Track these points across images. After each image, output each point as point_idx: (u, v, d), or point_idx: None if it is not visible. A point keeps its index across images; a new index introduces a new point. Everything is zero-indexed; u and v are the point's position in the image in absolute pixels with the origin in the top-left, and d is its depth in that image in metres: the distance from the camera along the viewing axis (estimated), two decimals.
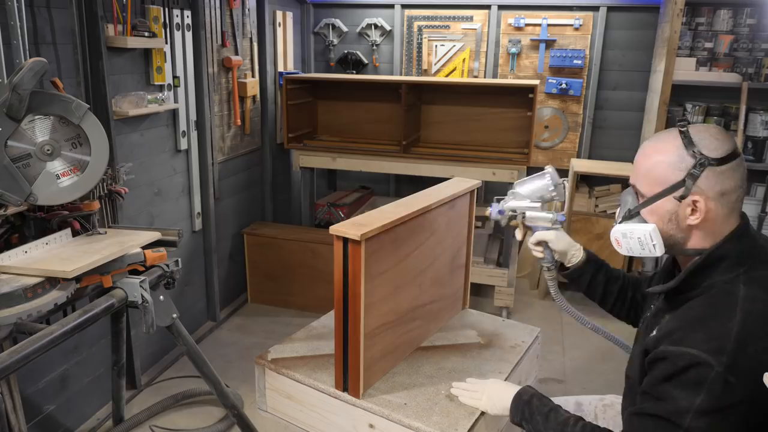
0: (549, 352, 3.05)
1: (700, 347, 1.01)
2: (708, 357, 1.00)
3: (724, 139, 1.10)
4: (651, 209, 1.15)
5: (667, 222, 1.14)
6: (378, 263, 1.46)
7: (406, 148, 3.37)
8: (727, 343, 1.01)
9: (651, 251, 1.15)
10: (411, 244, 1.60)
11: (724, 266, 1.10)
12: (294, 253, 3.42)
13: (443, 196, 1.69)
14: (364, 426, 1.49)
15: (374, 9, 4.07)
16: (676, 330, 1.08)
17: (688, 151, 1.09)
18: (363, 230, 1.35)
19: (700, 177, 1.08)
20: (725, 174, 1.08)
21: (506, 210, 1.51)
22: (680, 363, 1.02)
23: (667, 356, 1.05)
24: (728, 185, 1.09)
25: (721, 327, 1.03)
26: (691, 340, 1.03)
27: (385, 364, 1.61)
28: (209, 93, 3.01)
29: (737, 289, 1.07)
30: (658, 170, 1.12)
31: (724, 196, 1.09)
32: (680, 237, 1.14)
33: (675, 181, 1.10)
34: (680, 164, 1.10)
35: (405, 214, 1.50)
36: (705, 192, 1.08)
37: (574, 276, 1.54)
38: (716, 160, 1.07)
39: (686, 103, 3.53)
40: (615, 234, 1.21)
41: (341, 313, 1.44)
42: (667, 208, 1.13)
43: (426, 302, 1.75)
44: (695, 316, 1.08)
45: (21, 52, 1.84)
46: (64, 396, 2.30)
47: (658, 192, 1.13)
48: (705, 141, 1.09)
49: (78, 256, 1.65)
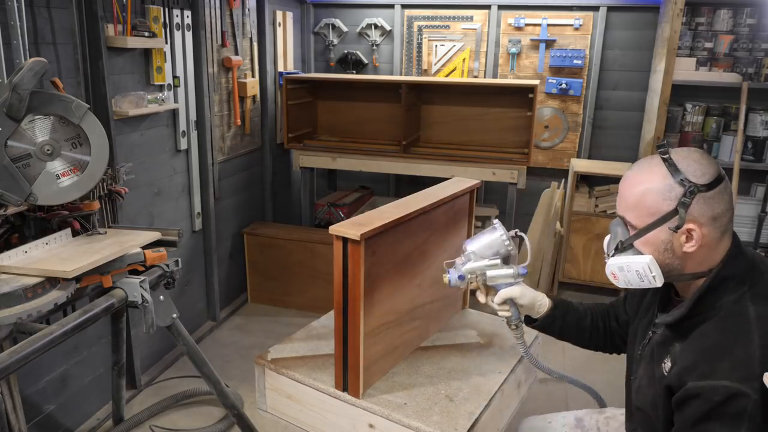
0: (549, 352, 3.05)
1: (730, 377, 1.01)
2: (741, 386, 0.99)
3: (708, 164, 1.09)
4: (645, 240, 1.13)
5: (662, 252, 1.12)
6: (378, 263, 1.46)
7: (406, 148, 3.37)
8: (755, 368, 1.00)
9: (651, 282, 1.13)
10: (410, 244, 1.60)
11: (729, 287, 1.10)
12: (294, 253, 3.42)
13: (443, 196, 1.69)
14: (363, 426, 1.49)
15: (374, 9, 4.07)
16: (698, 362, 1.07)
17: (675, 179, 1.08)
18: (363, 230, 1.35)
19: (691, 204, 1.07)
20: (715, 198, 1.08)
21: (466, 274, 1.37)
22: (716, 398, 1.01)
23: (700, 393, 1.03)
24: (719, 209, 1.08)
25: (744, 353, 1.03)
26: (719, 372, 1.03)
27: (385, 364, 1.61)
28: (209, 93, 3.01)
29: (746, 309, 1.07)
30: (648, 201, 1.11)
31: (717, 220, 1.09)
32: (677, 264, 1.13)
33: (667, 211, 1.09)
34: (669, 193, 1.09)
35: (404, 214, 1.50)
36: (698, 219, 1.08)
37: (545, 325, 1.50)
38: (705, 186, 1.07)
39: (686, 103, 3.53)
40: (611, 268, 1.19)
41: (341, 313, 1.44)
42: (661, 238, 1.11)
43: (426, 302, 1.75)
44: (714, 344, 1.07)
45: (21, 52, 1.84)
46: (64, 396, 2.30)
47: (650, 223, 1.11)
48: (691, 167, 1.08)
49: (78, 256, 1.65)
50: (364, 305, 1.42)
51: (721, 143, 3.53)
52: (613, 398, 1.95)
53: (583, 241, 3.58)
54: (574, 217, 3.58)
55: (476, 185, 1.87)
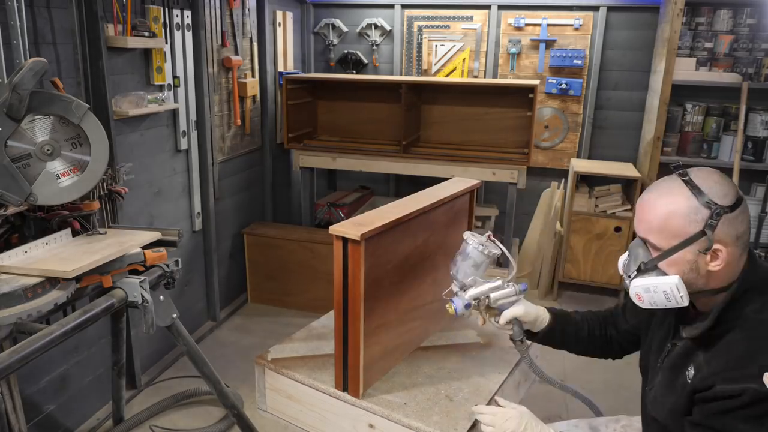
0: (549, 352, 3.03)
1: (759, 382, 1.03)
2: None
3: (729, 184, 1.12)
4: (670, 261, 1.15)
5: (688, 272, 1.14)
6: (377, 263, 1.46)
7: (406, 148, 3.37)
8: None
9: (678, 302, 1.15)
10: (410, 244, 1.60)
11: (751, 297, 1.13)
12: (294, 253, 3.42)
13: (442, 196, 1.69)
14: (363, 426, 1.49)
15: (374, 9, 4.07)
16: (727, 368, 1.09)
17: (699, 201, 1.10)
18: (363, 230, 1.35)
19: (717, 226, 1.09)
20: (738, 218, 1.11)
21: (470, 300, 1.39)
22: (744, 399, 1.03)
23: (729, 394, 1.06)
24: (742, 228, 1.12)
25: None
26: (748, 375, 1.05)
27: (385, 364, 1.61)
28: (209, 93, 3.01)
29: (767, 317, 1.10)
30: (674, 224, 1.12)
31: (740, 239, 1.12)
32: (702, 283, 1.15)
33: (693, 233, 1.11)
34: (696, 216, 1.10)
35: (404, 214, 1.50)
36: (723, 239, 1.10)
37: (546, 338, 1.52)
38: (729, 207, 1.09)
39: (686, 103, 3.53)
40: (636, 290, 1.19)
41: (341, 313, 1.44)
42: (687, 258, 1.13)
43: (426, 302, 1.75)
44: (742, 352, 1.09)
45: (21, 52, 1.84)
46: (64, 396, 2.30)
47: (676, 245, 1.13)
48: (714, 189, 1.10)
49: (78, 256, 1.65)
50: (364, 305, 1.42)
51: (721, 143, 3.53)
52: (608, 398, 1.94)
53: (583, 241, 3.58)
54: (574, 217, 3.58)
55: (476, 185, 1.87)
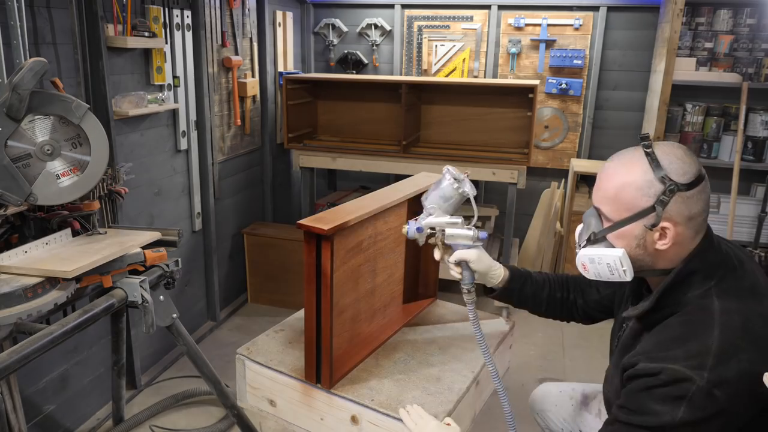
0: (549, 352, 3.05)
1: (681, 363, 1.01)
2: (689, 372, 0.99)
3: (691, 162, 1.08)
4: (618, 234, 1.11)
5: (635, 247, 1.11)
6: (348, 257, 1.50)
7: (406, 148, 3.37)
8: (708, 359, 1.00)
9: (621, 276, 1.12)
10: (380, 237, 1.63)
11: (695, 282, 1.09)
12: (294, 253, 3.42)
13: (411, 191, 1.71)
14: (343, 415, 1.50)
15: (374, 9, 4.07)
16: (654, 349, 1.07)
17: (656, 175, 1.06)
18: (331, 225, 1.39)
19: (669, 203, 1.05)
20: (693, 198, 1.06)
21: (424, 227, 1.36)
22: (662, 377, 1.01)
23: (648, 372, 1.03)
24: (696, 209, 1.07)
25: (700, 344, 1.02)
26: (671, 357, 1.03)
27: (358, 354, 1.62)
28: (209, 93, 3.01)
29: (711, 303, 1.06)
30: (626, 195, 1.09)
31: (692, 220, 1.08)
32: (648, 260, 1.12)
33: (643, 207, 1.07)
34: (649, 190, 1.07)
35: (373, 208, 1.54)
36: (674, 218, 1.07)
37: (502, 295, 1.49)
38: (685, 186, 1.05)
39: (686, 103, 3.53)
40: (581, 259, 1.16)
41: (313, 307, 1.47)
42: (635, 233, 1.10)
43: (396, 294, 1.77)
44: (674, 335, 1.07)
45: (21, 52, 1.84)
46: (64, 396, 2.30)
47: (626, 217, 1.10)
48: (673, 165, 1.06)
49: (78, 256, 1.65)
50: (334, 298, 1.44)
51: (721, 143, 3.53)
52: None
53: None
54: (574, 217, 3.58)
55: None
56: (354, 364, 1.60)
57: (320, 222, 1.40)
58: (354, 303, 1.61)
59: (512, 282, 1.47)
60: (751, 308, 1.06)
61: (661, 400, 1.00)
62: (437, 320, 1.89)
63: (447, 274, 3.43)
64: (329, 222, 1.40)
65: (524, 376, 2.78)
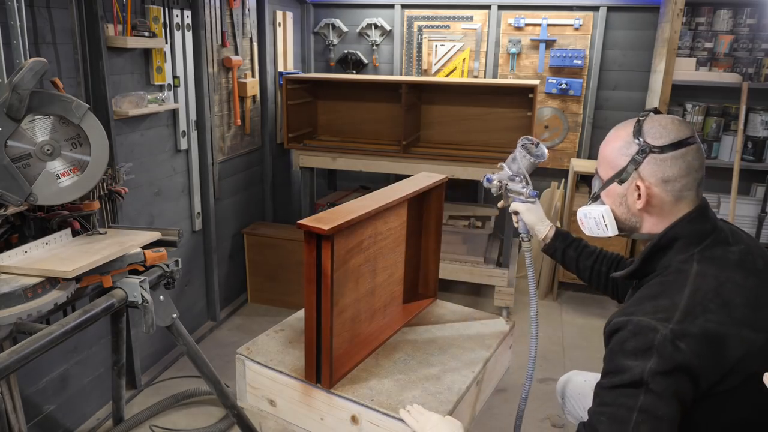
0: (549, 352, 3.05)
1: (649, 316, 1.04)
2: (654, 323, 1.02)
3: (673, 129, 1.14)
4: (606, 192, 1.22)
5: (618, 205, 1.21)
6: (348, 256, 1.50)
7: (406, 148, 3.37)
8: (674, 314, 1.03)
9: (604, 231, 1.23)
10: (379, 237, 1.63)
11: (678, 247, 1.14)
12: (294, 253, 3.42)
13: (411, 191, 1.72)
14: (343, 415, 1.50)
15: (374, 9, 4.07)
16: (629, 306, 1.12)
17: (635, 138, 1.15)
18: (331, 224, 1.39)
19: (642, 163, 1.14)
20: (667, 162, 1.13)
21: (494, 179, 1.66)
22: (629, 328, 1.04)
23: (618, 327, 1.07)
24: (671, 173, 1.13)
25: (670, 301, 1.06)
26: (641, 310, 1.07)
27: (358, 354, 1.62)
28: (209, 93, 3.01)
29: (690, 267, 1.11)
30: (610, 155, 1.20)
31: (668, 183, 1.13)
32: (634, 221, 1.20)
33: (621, 166, 1.17)
34: (627, 150, 1.16)
35: (372, 208, 1.54)
36: (647, 178, 1.14)
37: (549, 251, 1.65)
38: (658, 148, 1.13)
39: (686, 103, 3.53)
40: (579, 215, 1.30)
41: (313, 307, 1.46)
42: (618, 191, 1.19)
43: (396, 294, 1.77)
44: (649, 293, 1.12)
45: (21, 52, 1.84)
46: (64, 396, 2.30)
47: (611, 176, 1.20)
48: (653, 130, 1.15)
49: (78, 256, 1.65)
50: (334, 298, 1.45)
51: (721, 143, 3.53)
52: None
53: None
54: (574, 217, 3.58)
55: (444, 180, 1.91)
56: (354, 364, 1.60)
57: (320, 222, 1.40)
58: (354, 303, 1.61)
59: (556, 240, 1.62)
60: (730, 276, 1.09)
61: (632, 355, 1.03)
62: (437, 320, 1.89)
63: (447, 274, 3.43)
64: (329, 222, 1.40)
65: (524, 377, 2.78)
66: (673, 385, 1.00)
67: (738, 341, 1.03)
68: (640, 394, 1.00)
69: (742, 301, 1.07)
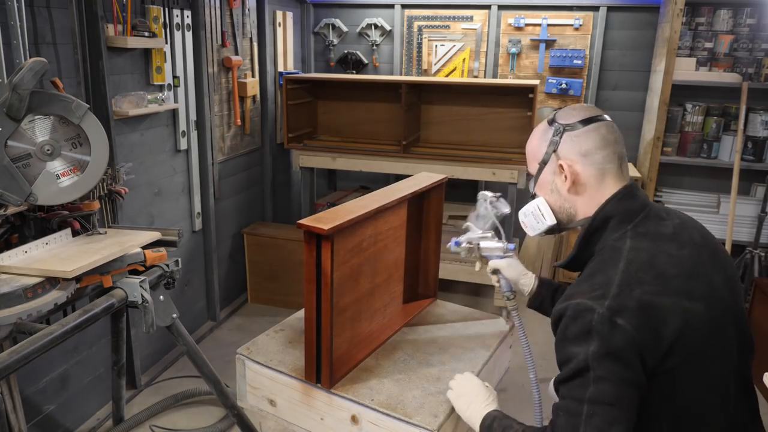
0: (549, 352, 3.04)
1: (585, 296, 1.04)
2: (590, 302, 1.02)
3: (582, 109, 1.21)
4: (539, 185, 1.26)
5: (550, 193, 1.24)
6: (348, 257, 1.49)
7: (406, 148, 3.37)
8: (610, 290, 1.03)
9: (543, 222, 1.26)
10: (379, 237, 1.63)
11: (612, 226, 1.15)
12: (294, 253, 3.42)
13: (410, 191, 1.71)
14: (343, 415, 1.50)
15: (374, 9, 4.07)
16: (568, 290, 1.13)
17: (551, 126, 1.22)
18: (331, 224, 1.38)
19: (560, 143, 1.19)
20: (581, 137, 1.18)
21: (462, 242, 1.57)
22: (569, 313, 1.04)
23: (560, 314, 1.07)
24: (587, 145, 1.17)
25: (604, 277, 1.06)
26: (578, 293, 1.07)
27: (358, 354, 1.62)
28: (209, 93, 3.01)
29: (624, 243, 1.11)
30: (533, 148, 1.26)
31: (587, 156, 1.18)
32: (567, 206, 1.23)
33: (544, 153, 1.22)
34: (545, 137, 1.22)
35: (372, 208, 1.54)
36: (568, 156, 1.19)
37: (535, 302, 1.57)
38: (570, 125, 1.19)
39: (686, 103, 3.53)
40: (520, 218, 1.33)
41: (313, 306, 1.46)
42: (547, 179, 1.23)
43: (396, 294, 1.77)
44: (585, 274, 1.14)
45: (21, 52, 1.84)
46: (64, 396, 2.30)
47: (537, 168, 1.25)
48: (564, 113, 1.22)
49: (78, 256, 1.65)
50: (334, 297, 1.44)
51: (721, 143, 3.53)
52: None
53: None
54: None
55: (443, 180, 1.91)
56: (354, 364, 1.60)
57: (320, 222, 1.40)
58: (354, 303, 1.61)
59: (542, 288, 1.55)
60: (663, 249, 1.10)
61: (575, 341, 1.02)
62: (437, 320, 1.88)
63: (447, 274, 3.42)
64: (329, 222, 1.40)
65: (524, 377, 2.76)
66: (619, 366, 0.99)
67: (676, 311, 1.02)
68: (589, 384, 0.99)
69: (676, 271, 1.07)
